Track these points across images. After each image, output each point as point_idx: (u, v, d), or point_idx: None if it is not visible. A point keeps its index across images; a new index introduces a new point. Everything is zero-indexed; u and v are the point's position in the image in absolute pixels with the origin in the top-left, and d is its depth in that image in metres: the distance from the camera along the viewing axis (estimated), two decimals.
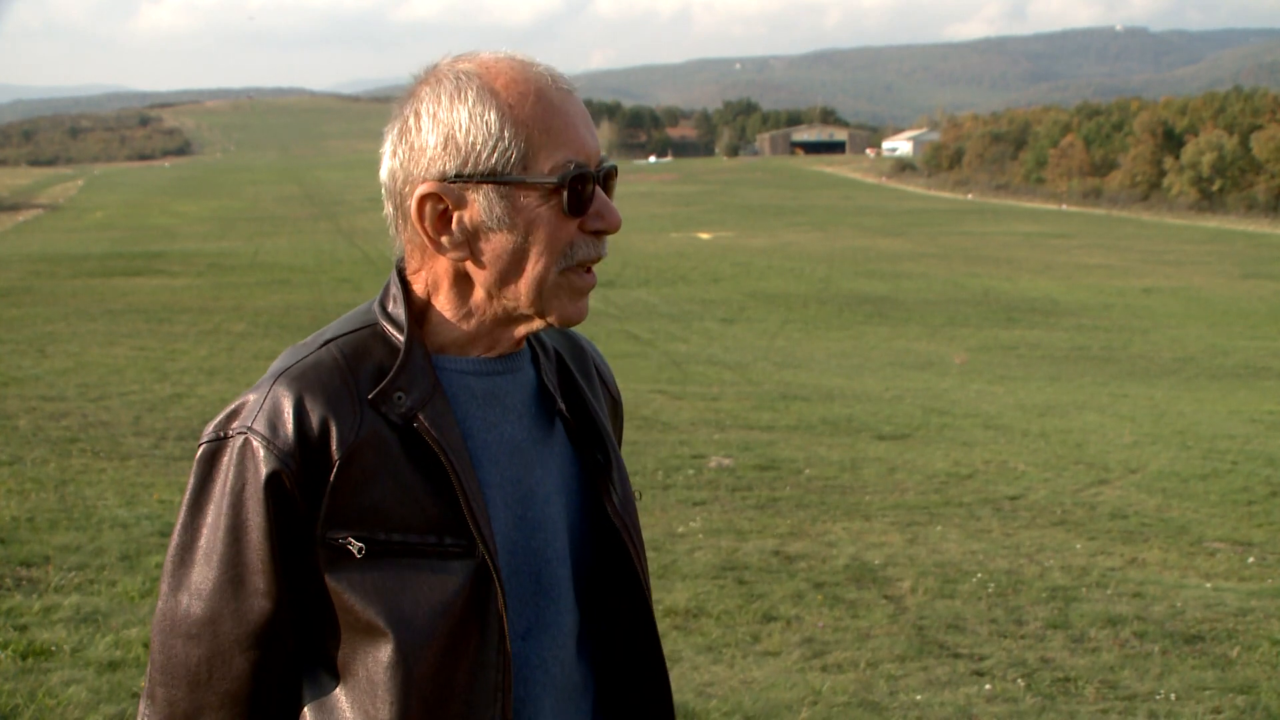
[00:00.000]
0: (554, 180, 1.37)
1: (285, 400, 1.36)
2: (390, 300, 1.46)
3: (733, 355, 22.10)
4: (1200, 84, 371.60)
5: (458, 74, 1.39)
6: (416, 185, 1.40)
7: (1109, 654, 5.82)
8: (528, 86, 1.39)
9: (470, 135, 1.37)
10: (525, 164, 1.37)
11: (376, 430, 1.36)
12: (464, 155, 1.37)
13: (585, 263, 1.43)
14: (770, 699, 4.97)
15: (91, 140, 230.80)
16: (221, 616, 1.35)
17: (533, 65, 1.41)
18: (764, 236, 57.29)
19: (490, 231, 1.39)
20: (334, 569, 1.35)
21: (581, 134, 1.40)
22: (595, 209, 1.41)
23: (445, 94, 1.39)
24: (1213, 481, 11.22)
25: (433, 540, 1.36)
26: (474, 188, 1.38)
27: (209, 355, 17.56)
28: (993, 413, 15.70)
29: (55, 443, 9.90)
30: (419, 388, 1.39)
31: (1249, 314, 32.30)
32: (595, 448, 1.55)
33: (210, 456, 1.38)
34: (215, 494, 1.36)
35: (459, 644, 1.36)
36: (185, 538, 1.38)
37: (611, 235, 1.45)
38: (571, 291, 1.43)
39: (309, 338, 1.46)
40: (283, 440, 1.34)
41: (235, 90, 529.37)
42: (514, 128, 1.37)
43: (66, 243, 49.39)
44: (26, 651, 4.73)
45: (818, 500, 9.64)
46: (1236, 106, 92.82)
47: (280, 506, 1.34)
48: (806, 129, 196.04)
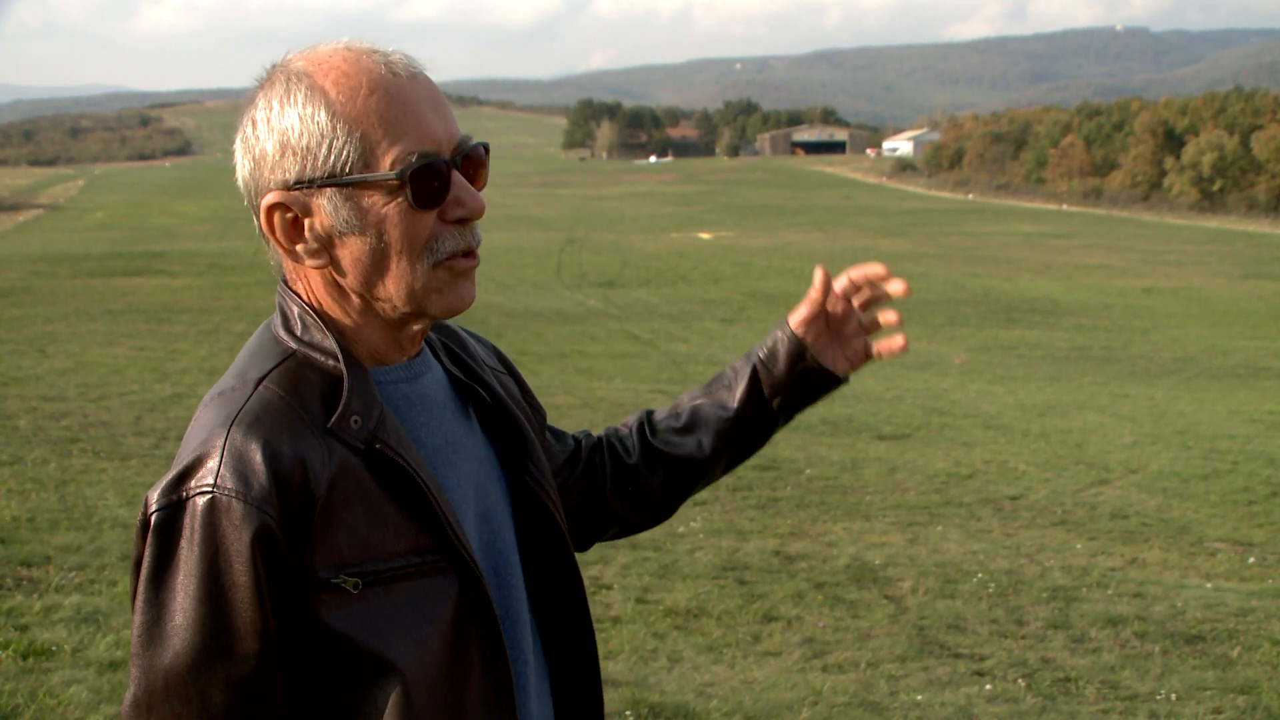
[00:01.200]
0: (393, 175, 1.29)
1: (249, 448, 1.26)
2: (297, 324, 1.38)
3: (733, 355, 21.97)
4: (1201, 84, 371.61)
5: (289, 75, 1.32)
6: (264, 195, 1.33)
7: (1110, 654, 5.82)
8: (359, 79, 1.30)
9: (304, 139, 1.30)
10: (365, 162, 1.30)
11: (344, 460, 1.30)
12: (301, 160, 1.30)
13: (455, 254, 1.35)
14: (771, 699, 4.97)
15: (92, 140, 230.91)
16: (210, 689, 1.26)
17: (369, 54, 1.33)
18: (764, 237, 57.30)
19: (343, 236, 1.32)
20: (330, 610, 1.28)
21: (425, 120, 1.32)
22: (453, 196, 1.34)
23: (277, 98, 1.32)
24: (1213, 481, 11.21)
25: (415, 560, 1.32)
26: (317, 192, 1.31)
27: (209, 355, 17.55)
28: (993, 413, 15.70)
29: (56, 443, 9.90)
30: (370, 408, 1.33)
31: (1249, 314, 32.29)
32: (505, 425, 1.52)
33: (167, 523, 1.26)
34: (182, 562, 1.25)
35: (461, 660, 1.34)
36: (151, 615, 1.26)
37: (478, 220, 1.37)
38: (448, 282, 1.35)
39: (228, 381, 1.36)
40: (259, 490, 1.25)
41: (236, 90, 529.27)
42: (347, 126, 1.29)
43: (67, 243, 49.40)
44: (27, 651, 4.73)
45: (818, 500, 9.64)
46: (1237, 106, 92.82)
47: (269, 561, 1.25)
48: (807, 129, 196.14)
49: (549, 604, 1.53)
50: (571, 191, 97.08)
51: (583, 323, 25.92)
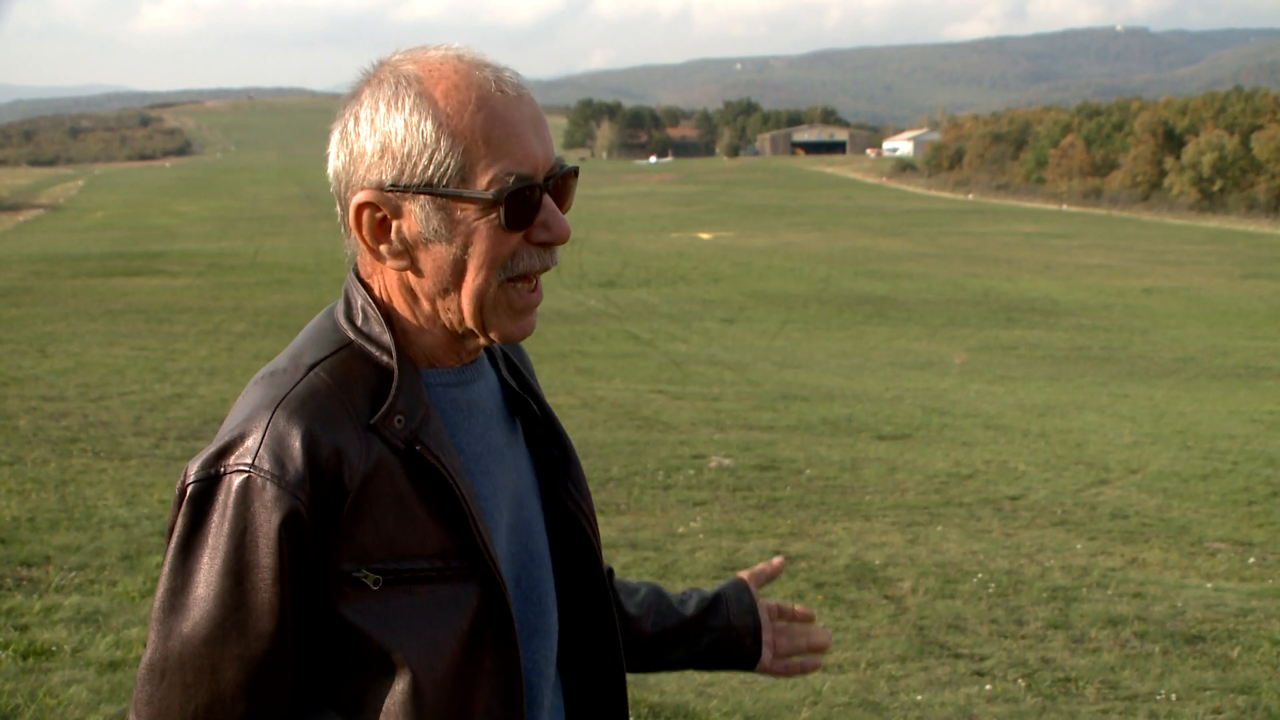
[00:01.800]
0: (490, 196, 1.31)
1: (290, 433, 1.28)
2: (359, 315, 1.39)
3: (733, 355, 22.10)
4: (1201, 84, 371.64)
5: (398, 78, 1.33)
6: (355, 192, 1.35)
7: (1110, 654, 5.82)
8: (469, 94, 1.31)
9: (406, 145, 1.31)
10: (463, 176, 1.31)
11: (382, 457, 1.31)
12: (400, 165, 1.32)
13: (529, 274, 1.36)
14: (771, 699, 4.97)
15: (92, 140, 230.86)
16: (223, 662, 1.28)
17: (479, 68, 1.33)
18: (764, 237, 57.30)
19: (428, 243, 1.34)
20: (348, 603, 1.30)
21: (527, 142, 1.33)
22: (541, 220, 1.35)
23: (384, 99, 1.33)
24: (1213, 481, 11.21)
25: (440, 564, 1.33)
26: (410, 198, 1.32)
27: (209, 355, 17.56)
28: (993, 413, 15.70)
29: (56, 443, 9.90)
30: (415, 409, 1.34)
31: (1249, 314, 32.29)
32: (551, 443, 1.53)
33: (202, 497, 1.29)
34: (210, 535, 1.28)
35: (473, 667, 1.34)
36: (177, 582, 1.29)
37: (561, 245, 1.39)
38: (512, 309, 1.37)
39: (281, 362, 1.38)
40: (294, 475, 1.27)
41: (235, 90, 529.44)
42: (451, 138, 1.30)
43: (67, 243, 49.40)
44: (27, 651, 4.73)
45: (818, 500, 9.64)
46: (1237, 106, 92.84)
47: (294, 546, 1.27)
48: (807, 129, 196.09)
49: (577, 623, 1.54)
50: None
51: (583, 323, 25.91)
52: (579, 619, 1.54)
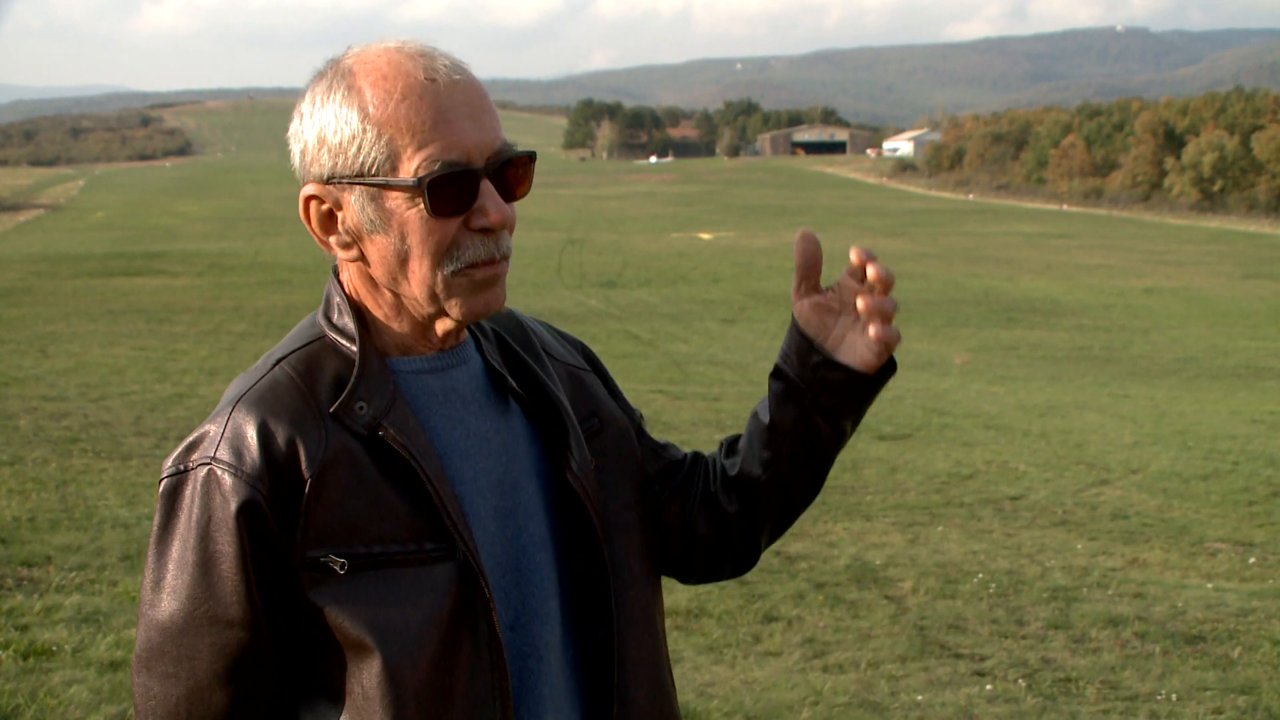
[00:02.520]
0: (411, 182, 1.31)
1: (247, 425, 1.32)
2: (334, 310, 1.42)
3: (733, 355, 22.10)
4: (1201, 84, 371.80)
5: (335, 72, 1.35)
6: (304, 185, 1.38)
7: (1110, 654, 5.82)
8: (395, 83, 1.31)
9: (337, 136, 1.33)
10: (392, 165, 1.32)
11: (343, 444, 1.33)
12: (334, 156, 1.34)
13: (477, 263, 1.35)
14: (771, 699, 4.97)
15: (92, 140, 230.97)
16: (197, 652, 1.32)
17: (412, 58, 1.33)
18: (765, 237, 57.26)
19: (370, 234, 1.35)
20: (317, 588, 1.31)
21: (460, 128, 1.32)
22: (478, 205, 1.34)
23: (320, 93, 1.35)
24: (1214, 482, 11.21)
25: (413, 548, 1.33)
26: (347, 189, 1.35)
27: (210, 355, 17.56)
28: (993, 413, 15.70)
29: (56, 443, 9.90)
30: (379, 396, 1.36)
31: (1250, 314, 32.28)
32: (550, 420, 1.51)
33: (172, 491, 1.33)
34: (180, 528, 1.32)
35: (451, 650, 1.33)
36: (154, 575, 1.33)
37: (506, 230, 1.38)
38: (471, 287, 1.36)
39: (258, 361, 1.42)
40: (250, 466, 1.30)
41: (236, 90, 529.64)
42: (376, 127, 1.31)
43: (67, 243, 49.40)
44: (28, 651, 4.73)
45: (818, 500, 9.60)
46: (1237, 107, 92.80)
47: (255, 534, 1.30)
48: (807, 129, 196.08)
49: (580, 604, 1.51)
50: (572, 192, 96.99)
51: (583, 323, 25.91)
52: (583, 600, 1.51)
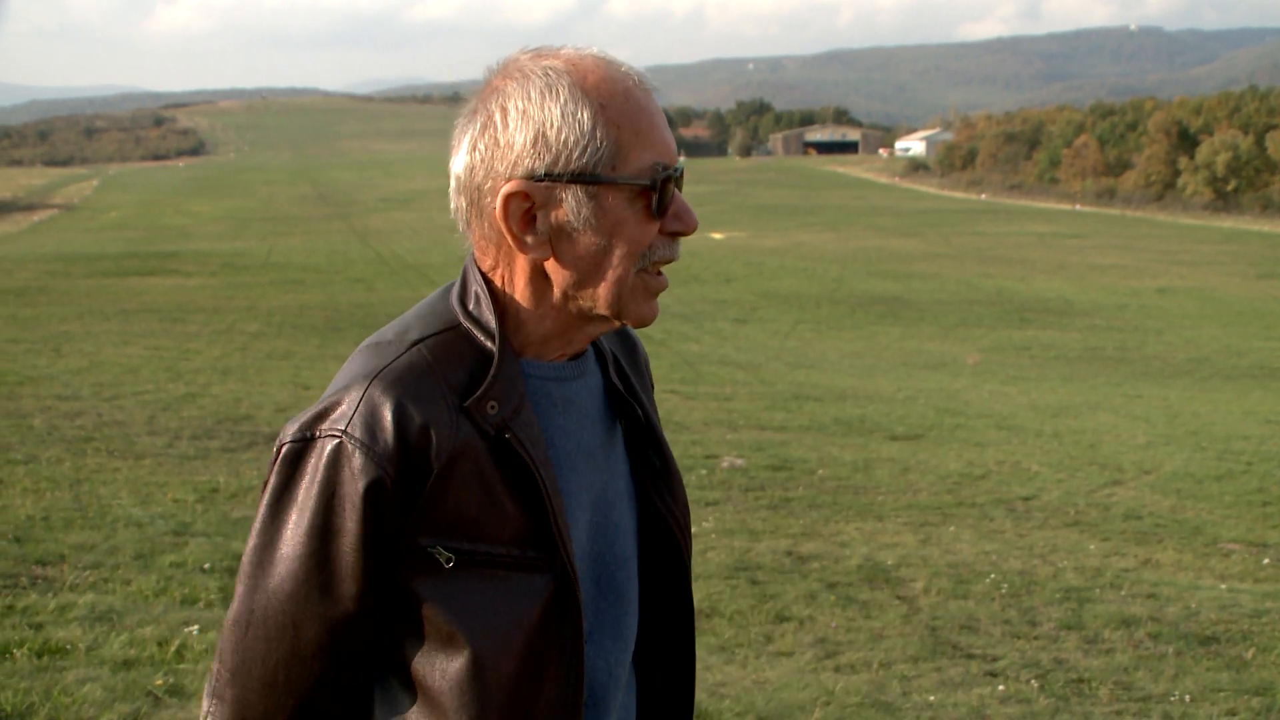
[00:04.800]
0: (645, 182, 1.36)
1: (384, 405, 1.32)
2: (472, 299, 1.42)
3: (745, 355, 22.09)
4: (1215, 83, 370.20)
5: (546, 70, 1.37)
6: (501, 182, 1.37)
7: (1123, 655, 5.80)
8: (617, 85, 1.36)
9: (562, 134, 1.34)
10: (614, 164, 1.35)
11: (470, 439, 1.34)
12: (555, 154, 1.35)
13: (660, 263, 1.41)
14: (783, 699, 4.96)
15: (106, 140, 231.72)
16: (304, 620, 1.33)
17: (619, 64, 1.39)
18: (777, 237, 57.24)
19: (575, 232, 1.37)
20: (420, 577, 1.33)
21: (665, 135, 1.39)
22: (674, 211, 1.40)
23: (536, 90, 1.36)
24: (1227, 482, 11.17)
25: (516, 552, 1.35)
26: (562, 187, 1.35)
27: (223, 355, 17.60)
28: (1006, 413, 15.66)
29: (70, 442, 9.93)
30: (510, 397, 1.37)
31: (1264, 314, 32.15)
32: (651, 449, 1.54)
33: (296, 457, 1.33)
34: (301, 495, 1.32)
35: (537, 657, 1.35)
36: (265, 538, 1.34)
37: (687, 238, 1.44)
38: (646, 293, 1.41)
39: (388, 333, 1.41)
40: (383, 446, 1.30)
41: (249, 90, 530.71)
42: (605, 127, 1.35)
43: (81, 242, 49.58)
44: (42, 650, 4.75)
45: (830, 500, 9.63)
46: (1252, 106, 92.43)
47: (376, 514, 1.31)
48: (819, 129, 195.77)
49: (657, 629, 1.56)
50: None
51: None
52: (661, 625, 1.57)
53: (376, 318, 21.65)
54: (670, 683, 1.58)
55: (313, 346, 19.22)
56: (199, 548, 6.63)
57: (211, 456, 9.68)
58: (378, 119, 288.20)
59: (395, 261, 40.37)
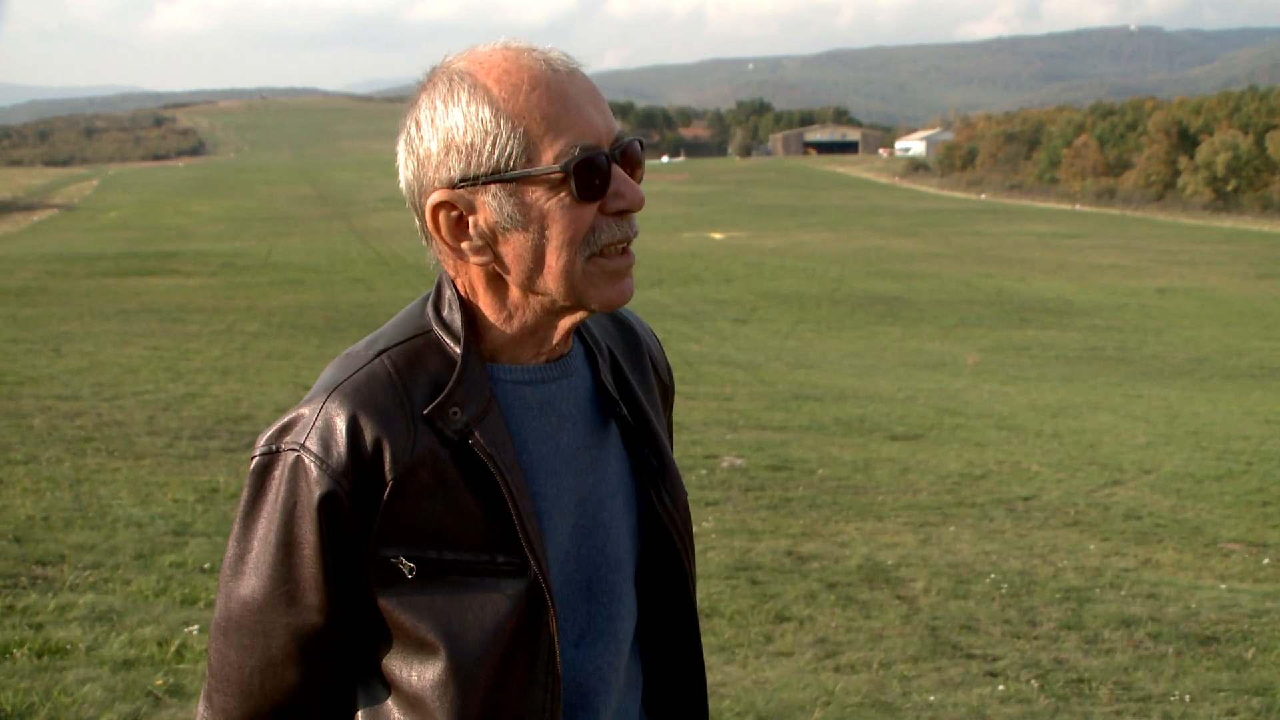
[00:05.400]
0: (558, 169, 1.32)
1: (338, 418, 1.33)
2: (445, 305, 1.41)
3: (745, 355, 22.09)
4: (1215, 83, 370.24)
5: (451, 74, 1.35)
6: (429, 195, 1.36)
7: (1123, 655, 5.80)
8: (520, 76, 1.33)
9: (468, 136, 1.33)
10: (528, 157, 1.32)
11: (430, 448, 1.34)
12: (465, 157, 1.33)
13: (611, 245, 1.36)
14: (783, 699, 4.97)
15: (106, 140, 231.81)
16: (273, 629, 1.35)
17: (527, 52, 1.35)
18: (776, 237, 57.24)
19: (506, 231, 1.35)
20: (385, 587, 1.34)
21: (587, 114, 1.34)
22: (613, 189, 1.35)
23: (440, 97, 1.35)
24: (1227, 482, 11.17)
25: (485, 558, 1.35)
26: (481, 189, 1.34)
27: (222, 355, 17.60)
28: (1006, 413, 15.66)
29: (70, 442, 9.93)
30: (474, 402, 1.36)
31: (1264, 314, 32.15)
32: (648, 448, 1.52)
33: (263, 470, 1.36)
34: (267, 508, 1.35)
35: (509, 663, 1.35)
36: (239, 548, 1.37)
37: (637, 212, 1.39)
38: (606, 275, 1.37)
39: (361, 343, 1.42)
40: (335, 460, 1.31)
41: (249, 90, 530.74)
42: (510, 121, 1.31)
43: (81, 242, 49.58)
44: (42, 650, 4.75)
45: (830, 500, 9.63)
46: (1252, 106, 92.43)
47: (333, 526, 1.32)
48: (819, 129, 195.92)
49: (658, 632, 1.55)
50: None
51: None
52: (661, 628, 1.56)
53: (376, 318, 21.65)
54: (679, 684, 1.58)
55: (313, 346, 19.22)
56: (199, 548, 6.63)
57: (211, 456, 9.68)
58: (377, 119, 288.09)
59: (395, 261, 40.35)
